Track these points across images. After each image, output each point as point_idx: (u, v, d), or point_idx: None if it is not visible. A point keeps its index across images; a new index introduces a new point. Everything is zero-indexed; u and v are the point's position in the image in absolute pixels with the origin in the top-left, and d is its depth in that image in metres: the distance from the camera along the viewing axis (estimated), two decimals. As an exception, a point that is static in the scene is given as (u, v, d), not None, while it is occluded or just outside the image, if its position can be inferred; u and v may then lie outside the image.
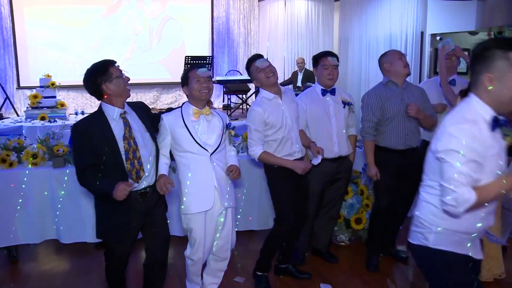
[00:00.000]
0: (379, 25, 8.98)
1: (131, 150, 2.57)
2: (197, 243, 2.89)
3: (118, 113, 2.61)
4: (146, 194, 2.68)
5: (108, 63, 2.65)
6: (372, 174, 3.53)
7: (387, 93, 3.45)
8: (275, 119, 3.10)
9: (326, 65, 3.47)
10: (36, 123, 6.44)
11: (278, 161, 3.14)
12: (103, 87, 2.59)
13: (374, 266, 3.70)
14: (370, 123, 3.47)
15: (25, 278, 3.61)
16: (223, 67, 11.23)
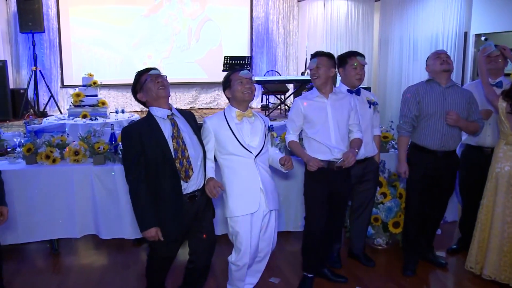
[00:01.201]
0: (420, 26, 8.77)
1: (180, 149, 2.60)
2: (243, 247, 2.85)
3: (165, 113, 2.65)
4: (195, 197, 2.69)
5: (140, 73, 2.73)
6: (401, 171, 3.49)
7: (426, 90, 3.40)
8: (314, 115, 3.11)
9: (355, 64, 3.42)
10: (78, 121, 6.62)
11: (298, 152, 3.18)
12: (138, 97, 2.72)
13: (410, 270, 3.61)
14: (405, 118, 3.44)
15: (66, 271, 3.71)
16: (261, 67, 11.23)
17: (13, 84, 9.49)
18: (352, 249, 3.87)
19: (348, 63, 3.45)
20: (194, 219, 2.72)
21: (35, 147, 3.95)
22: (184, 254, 2.94)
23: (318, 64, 3.14)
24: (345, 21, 10.66)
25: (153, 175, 2.57)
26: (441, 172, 3.44)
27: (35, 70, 9.07)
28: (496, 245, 3.32)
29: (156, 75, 2.67)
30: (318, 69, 3.13)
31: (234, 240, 2.89)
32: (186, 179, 2.61)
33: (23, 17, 8.93)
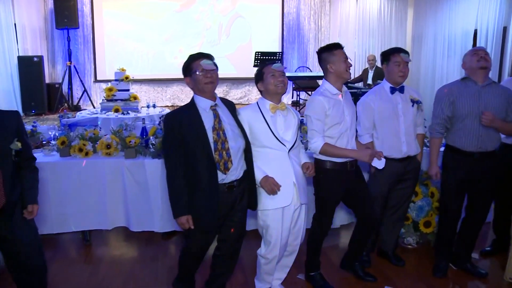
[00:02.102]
0: (456, 21, 8.56)
1: (220, 141, 2.60)
2: (273, 240, 2.85)
3: (208, 105, 2.66)
4: (233, 187, 2.68)
5: (192, 57, 2.69)
6: (432, 173, 3.41)
7: (461, 89, 3.26)
8: (336, 113, 3.01)
9: (398, 61, 3.33)
10: (110, 115, 6.73)
11: (342, 152, 3.00)
12: (186, 81, 2.71)
13: (441, 272, 3.51)
14: (438, 119, 3.33)
15: (97, 261, 3.77)
16: (292, 63, 11.20)
17: (48, 78, 9.77)
18: (382, 247, 3.80)
19: (391, 60, 3.37)
20: (231, 208, 2.72)
21: (68, 140, 4.03)
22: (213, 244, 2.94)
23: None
24: (377, 17, 10.52)
25: (191, 165, 2.59)
26: (479, 175, 3.30)
27: (70, 65, 9.29)
28: None
29: (207, 70, 2.64)
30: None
31: (264, 233, 2.89)
32: (225, 171, 2.61)
33: (59, 14, 9.17)
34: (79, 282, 3.42)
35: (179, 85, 10.62)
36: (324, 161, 3.09)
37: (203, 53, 2.71)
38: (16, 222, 2.50)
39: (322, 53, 3.11)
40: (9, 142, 2.38)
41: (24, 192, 2.54)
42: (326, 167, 3.09)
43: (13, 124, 2.44)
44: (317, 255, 3.34)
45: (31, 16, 9.62)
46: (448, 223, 3.49)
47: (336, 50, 3.07)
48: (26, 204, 2.54)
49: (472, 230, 3.53)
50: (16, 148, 2.39)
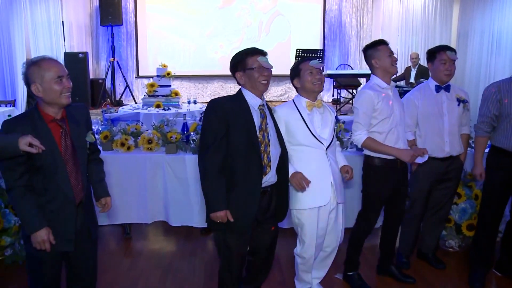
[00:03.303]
0: (505, 17, 8.22)
1: (264, 144, 2.49)
2: (308, 239, 2.83)
3: (258, 103, 2.55)
4: (266, 192, 2.57)
5: (248, 52, 2.56)
6: (477, 173, 3.29)
7: (510, 88, 3.13)
8: (385, 107, 2.97)
9: (444, 59, 3.25)
10: (151, 110, 6.81)
11: (383, 149, 2.98)
12: (236, 75, 2.57)
13: (478, 282, 3.32)
14: (484, 118, 3.22)
15: (137, 254, 3.85)
16: (333, 60, 11.08)
17: (92, 74, 10.04)
18: (422, 249, 3.72)
19: (437, 58, 3.29)
20: (263, 214, 2.60)
21: (111, 135, 4.13)
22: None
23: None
24: (421, 14, 10.25)
25: (231, 161, 2.43)
26: None
27: (113, 61, 9.51)
28: None
29: (264, 68, 2.53)
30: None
31: (300, 231, 2.87)
32: (262, 176, 2.49)
33: (104, 11, 9.41)
34: (119, 274, 3.49)
35: (219, 82, 10.69)
36: (373, 158, 3.07)
37: (259, 49, 2.58)
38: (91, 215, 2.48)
39: (367, 50, 3.11)
40: (84, 135, 2.37)
41: (95, 185, 2.52)
42: (375, 164, 3.07)
43: (84, 117, 2.41)
44: (357, 255, 3.30)
45: (78, 14, 9.91)
46: (487, 227, 3.36)
47: (380, 45, 3.06)
48: (98, 197, 2.52)
49: None
50: (91, 141, 2.39)
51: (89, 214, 2.45)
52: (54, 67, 2.21)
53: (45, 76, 2.17)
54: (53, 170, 2.21)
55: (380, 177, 3.07)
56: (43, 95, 2.19)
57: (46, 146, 2.13)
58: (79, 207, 2.34)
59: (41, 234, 2.19)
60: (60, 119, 2.27)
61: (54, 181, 2.23)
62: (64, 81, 2.22)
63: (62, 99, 2.22)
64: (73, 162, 2.28)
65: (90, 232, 2.43)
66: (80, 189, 2.33)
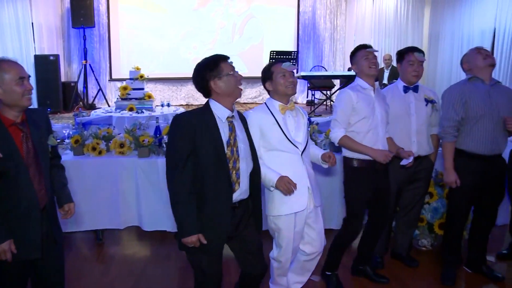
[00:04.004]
0: (474, 20, 8.43)
1: (233, 159, 2.33)
2: (285, 244, 2.78)
3: (226, 114, 2.36)
4: (235, 208, 2.40)
5: (220, 58, 2.40)
6: (451, 180, 3.21)
7: (471, 89, 3.16)
8: (364, 106, 2.98)
9: (412, 60, 3.29)
10: (124, 113, 6.74)
11: (359, 147, 2.99)
12: (211, 84, 2.36)
13: (449, 280, 3.39)
14: (451, 122, 3.19)
15: (110, 260, 3.78)
16: (308, 62, 11.15)
17: (64, 77, 9.86)
18: (395, 249, 3.75)
19: (405, 59, 3.34)
20: (235, 229, 2.45)
21: (82, 139, 4.05)
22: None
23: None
24: (394, 16, 10.43)
25: (200, 180, 2.29)
26: (490, 177, 3.23)
27: (85, 64, 9.36)
28: None
29: (234, 68, 2.41)
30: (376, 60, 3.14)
31: (276, 236, 2.83)
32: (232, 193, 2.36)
33: (76, 13, 9.25)
34: (91, 281, 3.42)
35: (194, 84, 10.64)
36: (352, 159, 3.07)
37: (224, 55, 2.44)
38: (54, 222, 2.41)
39: (350, 58, 3.20)
40: (45, 138, 2.30)
41: (58, 191, 2.44)
42: (354, 166, 3.07)
43: (44, 120, 2.35)
44: (340, 257, 3.29)
45: (48, 15, 9.72)
46: (455, 228, 3.40)
47: (357, 51, 3.13)
48: (61, 203, 2.43)
49: (484, 232, 3.47)
50: (53, 144, 2.33)
51: (53, 219, 2.39)
52: (15, 68, 2.15)
53: (5, 77, 2.11)
54: (15, 175, 2.15)
55: (359, 178, 3.07)
56: (3, 97, 2.12)
57: (7, 151, 2.08)
58: (43, 212, 2.28)
59: (3, 246, 2.12)
60: (20, 123, 2.21)
61: (17, 186, 2.16)
62: (26, 82, 2.17)
63: (24, 101, 2.16)
64: (36, 166, 2.23)
65: (55, 238, 2.37)
66: (44, 193, 2.27)
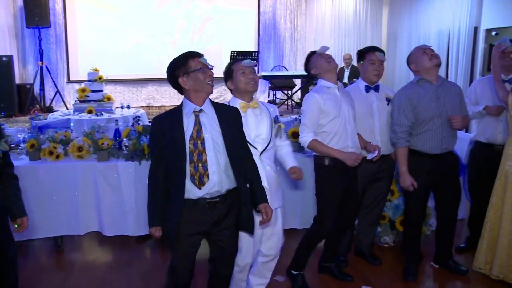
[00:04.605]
0: (429, 21, 8.67)
1: (196, 152, 2.32)
2: (245, 247, 2.76)
3: (192, 109, 2.38)
4: (215, 203, 2.39)
5: (189, 55, 2.42)
6: (407, 184, 3.25)
7: (420, 93, 3.21)
8: (332, 107, 2.98)
9: (373, 60, 3.33)
10: (83, 116, 6.57)
11: (327, 151, 2.99)
12: (180, 81, 2.40)
13: (411, 275, 3.46)
14: (403, 128, 3.23)
15: (70, 267, 3.68)
16: (268, 62, 11.17)
17: (19, 79, 9.51)
18: (359, 247, 3.80)
19: (366, 58, 3.37)
20: (212, 227, 2.42)
21: (38, 143, 3.92)
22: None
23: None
24: (353, 16, 10.59)
25: (170, 174, 2.38)
26: (444, 175, 3.31)
27: (41, 65, 9.07)
28: (505, 244, 3.25)
29: (207, 65, 2.42)
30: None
31: None
32: (200, 186, 2.32)
33: (30, 12, 8.92)
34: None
35: (154, 85, 10.48)
36: (323, 158, 3.06)
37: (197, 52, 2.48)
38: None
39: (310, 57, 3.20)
40: None
41: (10, 203, 2.38)
42: (326, 164, 3.06)
43: None
44: (307, 256, 3.29)
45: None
46: (413, 226, 3.48)
47: (311, 56, 3.17)
48: (14, 217, 2.38)
49: (447, 227, 3.54)
50: (4, 149, 2.25)
51: (2, 229, 2.30)
52: None
53: None
54: None
55: (331, 177, 3.07)
56: None
57: None
58: None
59: None
60: None
61: None
62: None
63: None
64: None
65: (6, 249, 2.28)
66: None
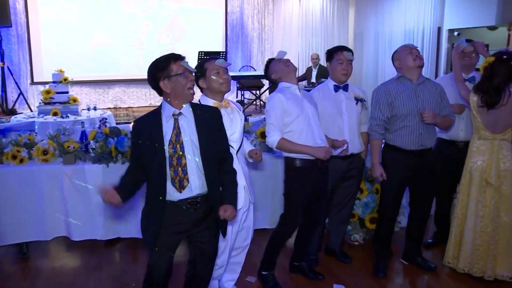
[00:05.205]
0: (395, 21, 8.83)
1: (176, 156, 2.30)
2: (223, 245, 2.76)
3: (171, 112, 2.34)
4: (196, 203, 2.38)
5: (171, 57, 2.37)
6: (377, 175, 3.37)
7: (398, 89, 3.30)
8: (294, 106, 3.01)
9: (341, 59, 3.36)
10: (48, 118, 6.40)
11: (297, 148, 3.00)
12: (160, 84, 2.34)
13: (381, 272, 3.52)
14: (378, 121, 3.33)
15: (36, 275, 3.57)
16: (236, 62, 11.16)
17: (-21, 81, 9.19)
18: (329, 245, 3.83)
19: (334, 58, 3.39)
20: (193, 227, 2.42)
21: (1, 147, 3.80)
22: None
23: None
24: (320, 16, 10.68)
25: (149, 177, 2.38)
26: (419, 171, 3.38)
27: (3, 66, 8.82)
28: (469, 238, 3.36)
29: (189, 69, 2.37)
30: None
31: None
32: (180, 190, 2.32)
33: (-11, 12, 8.63)
34: (16, 298, 3.22)
35: (121, 87, 10.33)
36: (294, 159, 3.07)
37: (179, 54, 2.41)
38: None
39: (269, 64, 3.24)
40: None
41: None
42: (296, 165, 3.08)
43: None
44: (276, 255, 3.30)
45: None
46: (386, 222, 3.54)
47: (270, 62, 3.22)
48: None
49: (419, 225, 3.61)
50: None
51: None
52: None
53: None
54: None
55: (300, 178, 3.10)
56: None
57: None
58: None
59: None
60: None
61: None
62: None
63: None
64: None
65: None
66: None
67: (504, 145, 3.30)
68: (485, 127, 3.29)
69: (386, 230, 3.56)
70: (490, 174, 3.29)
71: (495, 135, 3.29)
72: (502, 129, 3.28)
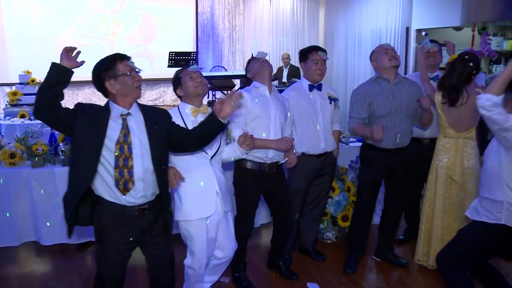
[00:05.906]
0: (364, 21, 8.93)
1: (122, 158, 2.23)
2: (198, 250, 2.77)
3: (119, 112, 2.29)
4: (144, 210, 2.34)
5: (117, 57, 2.32)
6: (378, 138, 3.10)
7: (376, 90, 3.36)
8: (258, 107, 3.07)
9: (316, 59, 3.40)
10: (15, 121, 6.27)
11: (261, 143, 3.03)
12: (106, 85, 2.29)
13: (351, 268, 3.59)
14: (355, 120, 3.39)
15: (3, 282, 3.49)
16: (207, 63, 11.11)
17: None
18: (302, 244, 3.87)
19: (309, 58, 3.43)
20: (143, 234, 2.39)
21: (-35, 151, 3.71)
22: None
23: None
24: (290, 16, 10.73)
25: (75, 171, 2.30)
26: (395, 169, 3.46)
27: (-34, 68, 8.55)
28: (438, 235, 3.45)
29: (135, 69, 2.32)
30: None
31: (189, 243, 2.81)
32: (124, 192, 2.25)
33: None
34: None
35: (91, 87, 10.15)
36: (246, 161, 3.11)
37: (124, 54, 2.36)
38: None
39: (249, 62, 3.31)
40: None
41: None
42: (246, 167, 3.12)
43: None
44: (243, 257, 3.32)
45: None
46: (362, 218, 3.62)
47: (249, 64, 3.29)
48: None
49: (392, 220, 3.71)
50: None
51: None
52: None
53: None
54: None
55: (248, 181, 3.15)
56: None
57: None
58: None
59: None
60: None
61: None
62: None
63: None
64: None
65: None
66: None
67: (468, 144, 3.40)
68: (450, 125, 3.38)
69: (361, 226, 3.63)
70: (454, 171, 3.38)
71: (459, 134, 3.38)
72: (466, 128, 3.38)
